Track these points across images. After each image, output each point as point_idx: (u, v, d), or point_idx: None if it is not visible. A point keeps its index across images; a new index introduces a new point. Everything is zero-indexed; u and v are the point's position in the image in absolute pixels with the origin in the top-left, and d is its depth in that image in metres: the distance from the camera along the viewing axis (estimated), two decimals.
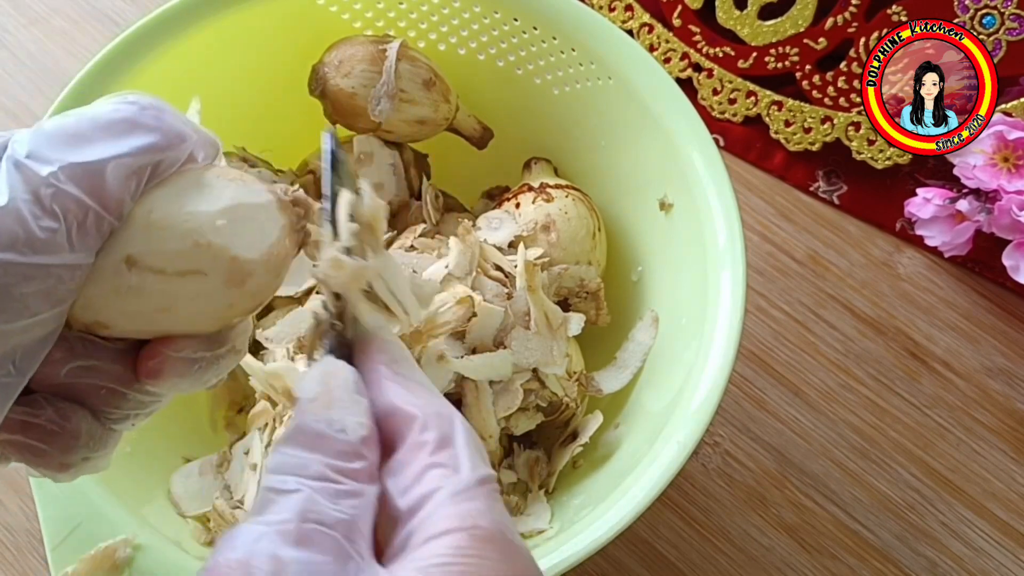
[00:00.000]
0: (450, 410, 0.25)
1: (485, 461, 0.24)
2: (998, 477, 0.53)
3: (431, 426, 0.24)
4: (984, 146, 0.54)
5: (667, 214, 0.46)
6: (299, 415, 0.24)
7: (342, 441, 0.23)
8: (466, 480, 0.23)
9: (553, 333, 0.44)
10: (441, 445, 0.24)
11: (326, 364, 0.25)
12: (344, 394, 0.24)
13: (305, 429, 0.23)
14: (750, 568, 0.50)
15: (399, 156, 0.50)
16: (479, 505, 0.22)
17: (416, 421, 0.24)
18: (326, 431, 0.23)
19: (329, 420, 0.23)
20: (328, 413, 0.24)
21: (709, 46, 0.63)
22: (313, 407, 0.24)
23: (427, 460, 0.23)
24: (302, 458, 0.23)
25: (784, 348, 0.56)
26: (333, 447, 0.23)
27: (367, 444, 0.24)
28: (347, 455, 0.23)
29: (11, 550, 0.50)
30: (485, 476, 0.23)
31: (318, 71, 0.48)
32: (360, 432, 0.24)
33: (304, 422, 0.24)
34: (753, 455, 0.53)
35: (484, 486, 0.23)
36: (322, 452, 0.23)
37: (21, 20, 0.67)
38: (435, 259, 0.44)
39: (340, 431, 0.23)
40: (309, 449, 0.23)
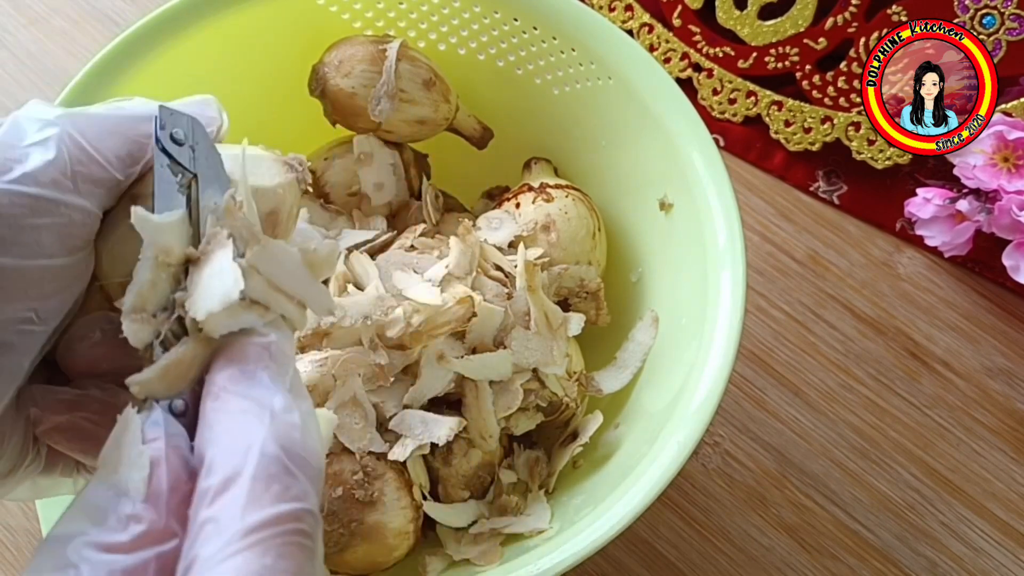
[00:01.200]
0: (258, 436, 0.20)
1: (285, 494, 0.20)
2: (998, 477, 0.53)
3: (220, 465, 0.20)
4: (984, 146, 0.54)
5: (667, 214, 0.46)
6: (88, 485, 0.21)
7: (117, 510, 0.20)
8: (226, 536, 0.19)
9: (553, 333, 0.44)
10: (221, 489, 0.20)
11: (122, 418, 0.21)
12: (131, 447, 0.21)
13: (82, 504, 0.20)
14: (750, 568, 0.50)
15: (399, 156, 0.50)
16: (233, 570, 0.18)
17: (204, 462, 0.20)
18: (107, 501, 0.20)
19: (116, 484, 0.20)
20: (115, 476, 0.20)
21: (709, 46, 0.63)
22: (102, 473, 0.21)
23: (204, 514, 0.20)
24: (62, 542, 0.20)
25: (784, 348, 0.56)
26: (106, 519, 0.20)
27: (152, 501, 0.20)
28: (121, 523, 0.20)
29: (11, 550, 0.50)
30: (261, 521, 0.19)
31: (318, 71, 0.48)
32: (141, 490, 0.20)
33: (85, 495, 0.20)
34: (753, 455, 0.53)
35: (252, 535, 0.19)
36: (90, 527, 0.20)
37: (21, 20, 0.67)
38: (435, 259, 0.44)
39: (123, 494, 0.20)
40: (78, 525, 0.20)
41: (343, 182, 0.49)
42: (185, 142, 0.25)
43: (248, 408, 0.21)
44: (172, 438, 0.21)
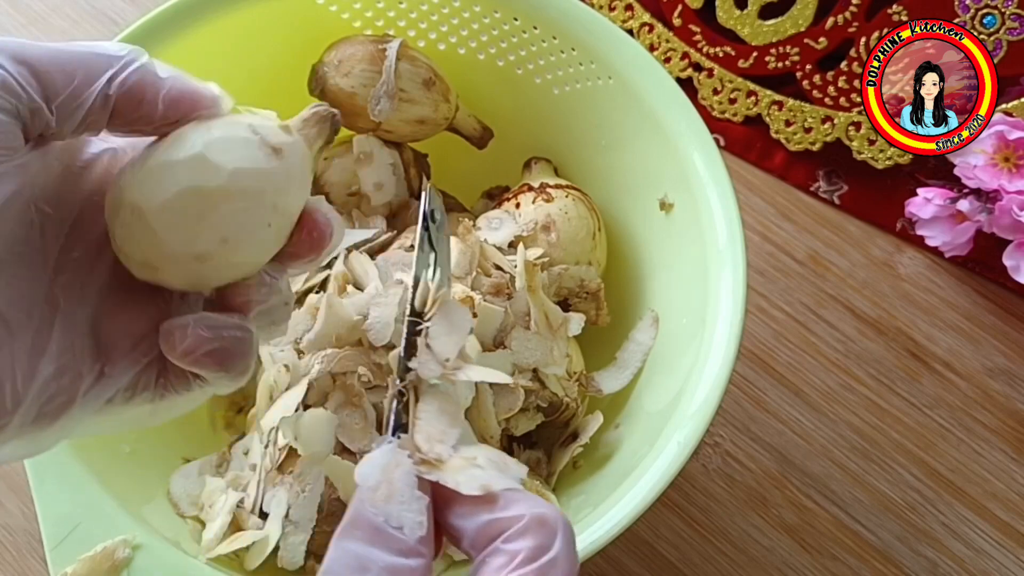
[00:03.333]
0: (556, 515, 0.24)
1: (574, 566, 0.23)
2: (999, 478, 0.53)
3: (524, 534, 0.23)
4: (985, 146, 0.54)
5: (667, 214, 0.46)
6: (357, 504, 0.24)
7: (398, 540, 0.23)
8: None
9: (553, 333, 0.44)
10: (529, 559, 0.23)
11: (387, 454, 0.25)
12: (405, 488, 0.24)
13: (362, 522, 0.23)
14: (750, 569, 0.50)
15: (399, 156, 0.50)
16: None
17: (510, 525, 0.23)
18: (383, 527, 0.23)
19: (388, 514, 0.23)
20: (387, 507, 0.24)
21: (709, 46, 0.63)
22: (373, 498, 0.24)
23: (503, 572, 0.23)
24: (358, 556, 0.23)
25: (784, 348, 0.56)
26: (389, 545, 0.23)
27: (424, 544, 0.24)
28: (403, 553, 0.23)
29: (10, 550, 0.50)
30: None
31: (318, 71, 0.48)
32: (418, 532, 0.23)
33: (362, 513, 0.24)
34: (753, 455, 0.53)
35: None
36: (379, 549, 0.23)
37: (20, 19, 0.67)
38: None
39: (398, 528, 0.23)
40: (366, 544, 0.23)
41: (343, 182, 0.49)
42: (438, 221, 0.29)
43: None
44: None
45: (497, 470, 0.25)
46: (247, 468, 0.43)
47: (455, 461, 0.25)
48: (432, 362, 0.27)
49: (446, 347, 0.28)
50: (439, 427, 0.26)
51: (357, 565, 0.22)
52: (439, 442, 0.26)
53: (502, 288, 0.43)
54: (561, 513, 0.24)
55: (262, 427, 0.42)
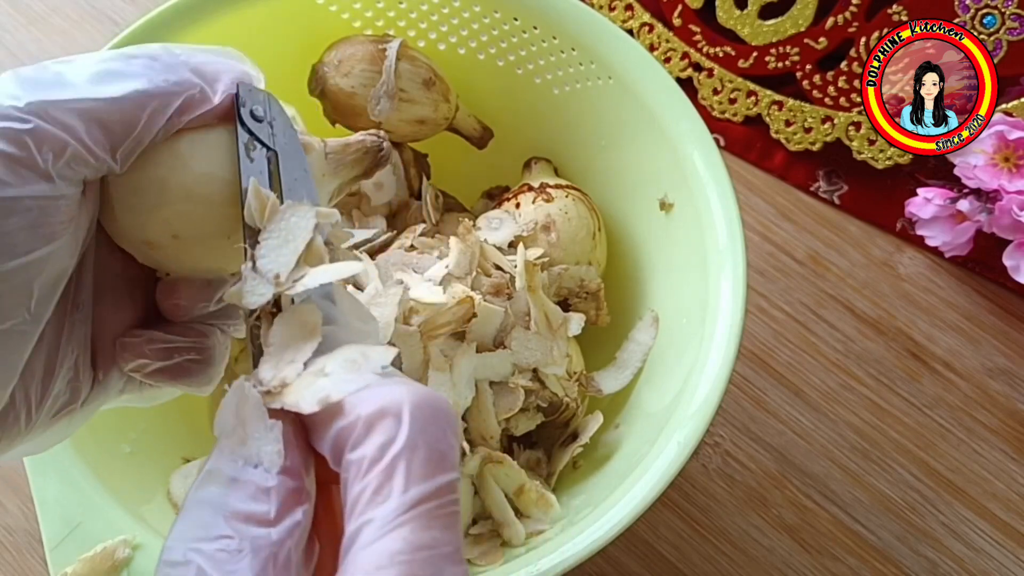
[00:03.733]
0: (396, 399, 0.21)
1: (435, 462, 0.20)
2: (999, 478, 0.53)
3: (367, 435, 0.20)
4: (985, 146, 0.54)
5: (667, 214, 0.46)
6: (214, 456, 0.22)
7: (259, 478, 0.21)
8: (391, 509, 0.20)
9: (553, 333, 0.44)
10: (375, 459, 0.20)
11: (234, 393, 0.22)
12: (256, 423, 0.21)
13: (215, 474, 0.21)
14: (750, 569, 0.50)
15: (399, 156, 0.50)
16: (397, 544, 0.19)
17: (352, 431, 0.21)
18: (239, 471, 0.21)
19: (245, 457, 0.21)
20: (243, 449, 0.21)
21: (709, 46, 0.63)
22: (229, 444, 0.21)
23: (359, 485, 0.20)
24: (210, 509, 0.21)
25: (784, 348, 0.56)
26: (246, 489, 0.21)
27: (289, 473, 0.21)
28: (262, 494, 0.21)
29: (10, 551, 0.50)
30: (422, 494, 0.20)
31: (318, 71, 0.48)
32: (277, 462, 0.21)
33: (215, 466, 0.21)
34: (753, 455, 0.53)
35: (416, 509, 0.20)
36: (233, 496, 0.21)
37: (20, 20, 0.67)
38: (435, 259, 0.44)
39: (256, 466, 0.21)
40: (220, 495, 0.21)
41: None
42: (264, 118, 0.26)
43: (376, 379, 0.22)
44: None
45: (350, 369, 0.22)
46: None
47: (301, 379, 0.22)
48: (260, 284, 0.23)
49: (275, 262, 0.23)
50: (291, 347, 0.23)
51: (207, 518, 0.20)
52: (289, 363, 0.22)
53: (502, 288, 0.43)
54: (408, 389, 0.21)
55: None
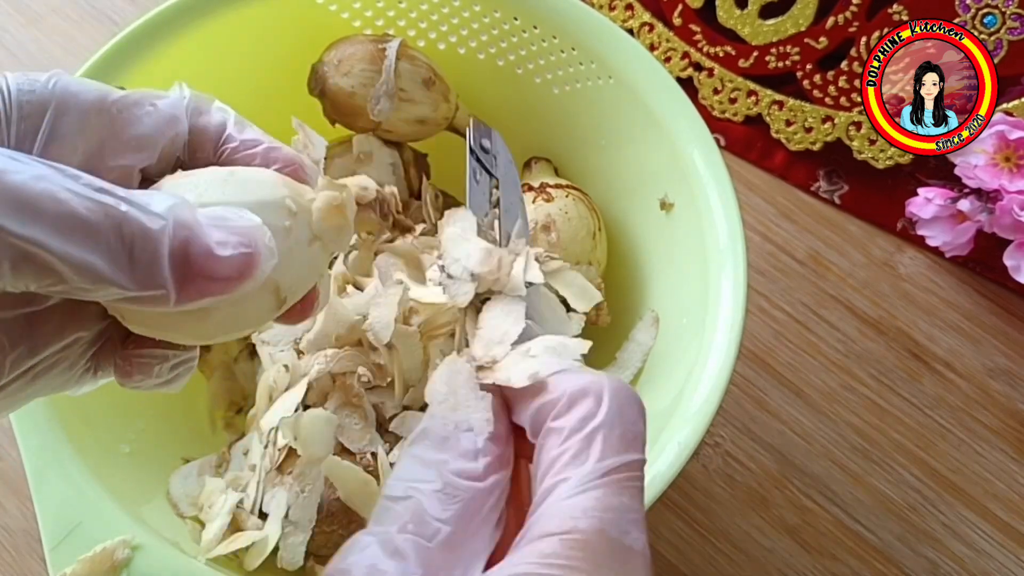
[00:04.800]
0: (598, 383, 0.24)
1: (629, 441, 0.23)
2: (999, 478, 0.53)
3: (569, 409, 0.23)
4: (985, 146, 0.54)
5: (668, 214, 0.46)
6: (426, 420, 0.25)
7: (466, 443, 0.24)
8: (587, 472, 0.22)
9: None
10: (575, 430, 0.23)
11: (448, 364, 0.26)
12: (468, 392, 0.25)
13: (430, 433, 0.24)
14: (751, 569, 0.50)
15: (399, 156, 0.50)
16: (590, 502, 0.22)
17: (555, 405, 0.24)
18: (451, 433, 0.24)
19: (456, 422, 0.24)
20: (455, 415, 0.24)
21: (710, 45, 0.63)
22: (441, 409, 0.25)
23: (558, 449, 0.23)
24: (423, 462, 0.23)
25: (785, 348, 0.56)
26: (457, 448, 0.24)
27: (494, 440, 0.24)
28: (471, 454, 0.24)
29: (10, 551, 0.50)
30: (614, 464, 0.22)
31: (317, 70, 0.48)
32: (486, 429, 0.24)
33: (430, 426, 0.24)
34: (754, 456, 0.53)
35: (609, 476, 0.22)
36: (446, 454, 0.24)
37: (20, 19, 0.67)
38: (435, 259, 0.44)
39: (467, 431, 0.24)
40: (435, 451, 0.24)
41: None
42: (490, 151, 0.31)
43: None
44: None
45: (552, 355, 0.25)
46: (247, 468, 0.42)
47: (509, 358, 0.26)
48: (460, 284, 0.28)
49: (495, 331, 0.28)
50: (500, 329, 0.27)
51: (422, 468, 0.23)
52: (498, 343, 0.26)
53: None
54: (608, 378, 0.24)
55: (262, 427, 0.42)
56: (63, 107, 0.24)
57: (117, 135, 0.25)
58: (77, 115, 0.24)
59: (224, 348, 0.49)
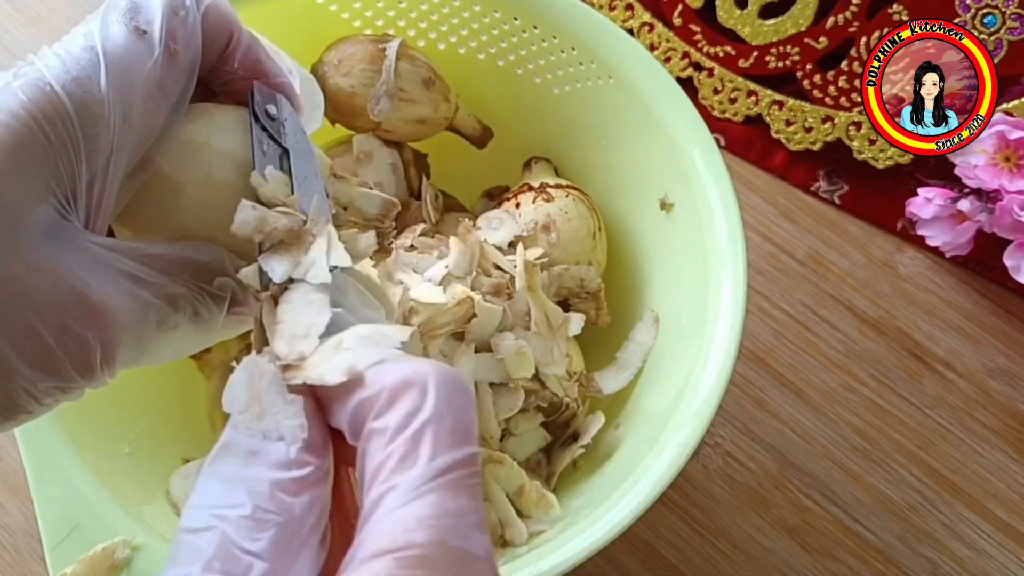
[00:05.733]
0: (421, 372, 0.21)
1: (461, 434, 0.20)
2: (999, 478, 0.53)
3: (391, 405, 0.21)
4: (985, 146, 0.54)
5: (668, 214, 0.46)
6: (227, 432, 0.21)
7: (277, 454, 0.21)
8: (418, 475, 0.20)
9: (553, 333, 0.44)
10: (400, 428, 0.20)
11: (246, 368, 0.22)
12: (275, 397, 0.22)
13: (233, 447, 0.21)
14: (751, 569, 0.50)
15: (399, 156, 0.50)
16: (425, 510, 0.19)
17: (376, 402, 0.21)
18: (259, 445, 0.21)
19: (264, 431, 0.21)
20: (262, 424, 0.21)
21: (710, 45, 0.63)
22: (244, 419, 0.21)
23: (382, 453, 0.20)
24: (226, 482, 0.20)
25: (785, 348, 0.56)
26: (267, 462, 0.21)
27: (310, 448, 0.21)
28: (284, 467, 0.21)
29: (10, 551, 0.50)
30: (448, 463, 0.20)
31: (317, 70, 0.48)
32: (300, 435, 0.21)
33: (232, 439, 0.21)
34: (754, 456, 0.53)
35: (443, 477, 0.20)
36: (254, 469, 0.21)
37: (20, 19, 0.67)
38: (435, 259, 0.44)
39: (277, 440, 0.21)
40: (240, 467, 0.21)
41: None
42: (277, 118, 0.28)
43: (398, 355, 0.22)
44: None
45: (369, 345, 0.22)
46: None
47: (319, 353, 0.22)
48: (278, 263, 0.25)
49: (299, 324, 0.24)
50: (304, 322, 0.23)
51: (226, 488, 0.20)
52: (303, 338, 0.23)
53: (502, 288, 0.43)
54: (432, 364, 0.21)
55: None
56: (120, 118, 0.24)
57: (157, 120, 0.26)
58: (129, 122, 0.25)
59: (224, 348, 0.49)
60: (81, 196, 0.24)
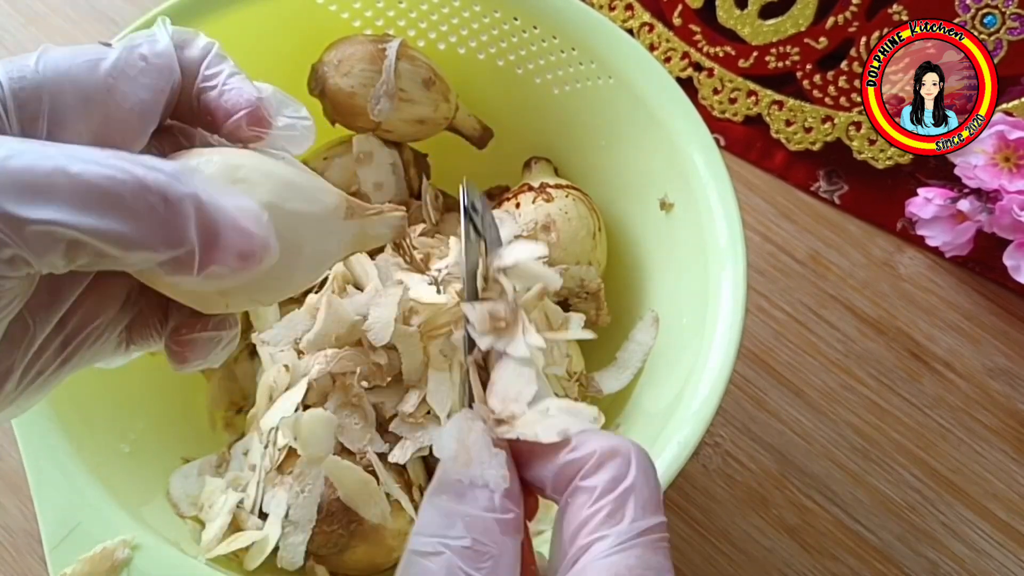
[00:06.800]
0: (626, 445, 0.24)
1: (655, 503, 0.24)
2: (999, 478, 0.53)
3: (598, 469, 0.24)
4: (985, 146, 0.54)
5: (667, 214, 0.46)
6: (441, 472, 0.25)
7: (485, 496, 0.24)
8: (624, 531, 0.23)
9: (553, 333, 0.44)
10: (607, 490, 0.24)
11: (458, 422, 0.26)
12: (482, 449, 0.25)
13: (447, 485, 0.24)
14: (751, 569, 0.50)
15: (399, 156, 0.50)
16: (632, 560, 0.22)
17: (584, 464, 0.24)
18: (467, 489, 0.24)
19: (471, 477, 0.24)
20: (469, 471, 0.25)
21: (710, 45, 0.63)
22: (453, 465, 0.25)
23: (591, 509, 0.23)
24: (446, 515, 0.24)
25: (785, 348, 0.56)
26: (476, 501, 0.24)
27: (510, 496, 0.24)
28: (491, 509, 0.24)
29: (10, 551, 0.50)
30: (648, 526, 0.23)
31: (317, 70, 0.48)
32: (503, 485, 0.24)
33: (447, 478, 0.24)
34: (754, 456, 0.53)
35: (644, 536, 0.23)
36: (468, 506, 0.24)
37: (20, 19, 0.67)
38: (435, 259, 0.44)
39: (483, 486, 0.24)
40: (454, 502, 0.24)
41: (342, 182, 0.49)
42: (479, 211, 0.31)
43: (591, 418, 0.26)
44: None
45: (570, 415, 0.26)
46: (247, 468, 0.42)
47: (528, 416, 0.26)
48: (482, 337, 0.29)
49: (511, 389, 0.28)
50: (515, 388, 0.27)
51: (446, 520, 0.23)
52: (514, 401, 0.27)
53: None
54: (633, 443, 0.25)
55: (262, 427, 0.42)
56: (58, 90, 0.24)
57: (119, 106, 0.25)
58: (73, 95, 0.24)
59: None
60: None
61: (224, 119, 0.27)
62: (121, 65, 0.25)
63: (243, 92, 0.27)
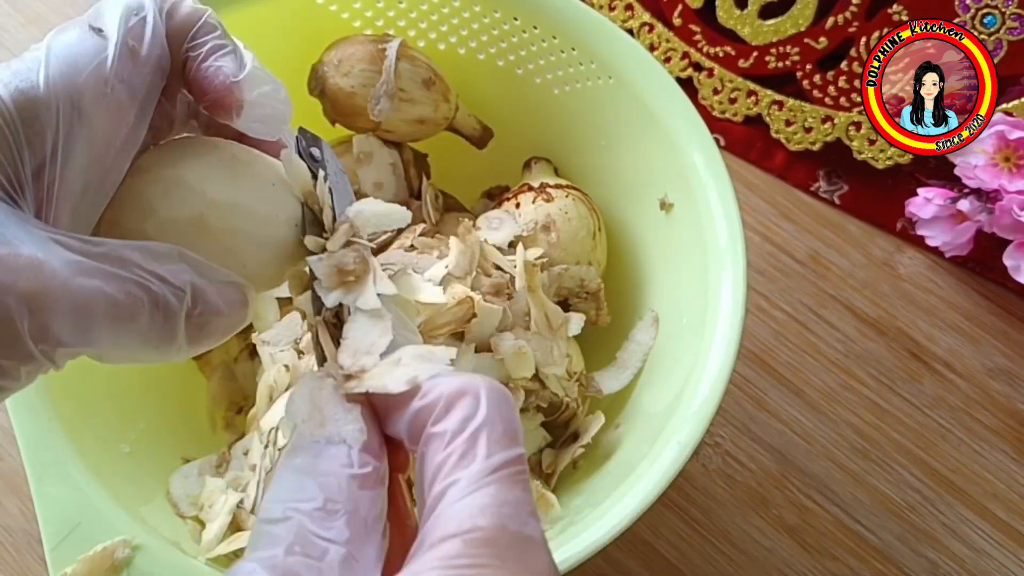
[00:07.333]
0: (473, 383, 0.24)
1: (511, 436, 0.23)
2: (999, 478, 0.53)
3: (448, 412, 0.23)
4: (985, 146, 0.54)
5: (667, 214, 0.46)
6: (295, 437, 0.24)
7: (341, 454, 0.23)
8: (477, 471, 0.22)
9: (553, 333, 0.44)
10: (458, 431, 0.23)
11: (308, 380, 0.25)
12: (335, 406, 0.24)
13: (302, 446, 0.24)
14: (751, 569, 0.50)
15: (399, 156, 0.50)
16: (487, 499, 0.22)
17: (434, 409, 0.24)
18: (322, 449, 0.23)
19: (327, 436, 0.24)
20: (323, 431, 0.24)
21: (709, 45, 0.63)
22: (307, 428, 0.24)
23: (443, 453, 0.23)
24: (299, 477, 0.23)
25: (785, 348, 0.56)
26: (335, 460, 0.23)
27: (368, 450, 0.24)
28: (349, 465, 0.23)
29: (10, 551, 0.50)
30: (502, 460, 0.22)
31: (317, 70, 0.48)
32: (359, 438, 0.24)
33: (301, 441, 0.24)
34: (754, 456, 0.53)
35: (499, 472, 0.22)
36: (325, 464, 0.23)
37: (20, 19, 0.67)
38: (435, 259, 0.44)
39: (340, 443, 0.24)
40: (312, 460, 0.23)
41: None
42: (320, 160, 0.30)
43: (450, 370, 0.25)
44: None
45: (423, 361, 0.25)
46: (247, 468, 0.42)
47: (378, 368, 0.25)
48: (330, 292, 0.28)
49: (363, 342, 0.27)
50: (367, 340, 0.26)
51: (299, 483, 0.23)
52: (366, 354, 0.26)
53: (502, 288, 0.43)
54: (484, 378, 0.24)
55: (262, 427, 0.42)
56: (68, 108, 0.25)
57: (123, 115, 0.26)
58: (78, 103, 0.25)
59: (224, 348, 0.49)
60: (28, 184, 0.24)
61: (200, 96, 0.28)
62: (120, 63, 0.26)
63: (220, 72, 0.27)
